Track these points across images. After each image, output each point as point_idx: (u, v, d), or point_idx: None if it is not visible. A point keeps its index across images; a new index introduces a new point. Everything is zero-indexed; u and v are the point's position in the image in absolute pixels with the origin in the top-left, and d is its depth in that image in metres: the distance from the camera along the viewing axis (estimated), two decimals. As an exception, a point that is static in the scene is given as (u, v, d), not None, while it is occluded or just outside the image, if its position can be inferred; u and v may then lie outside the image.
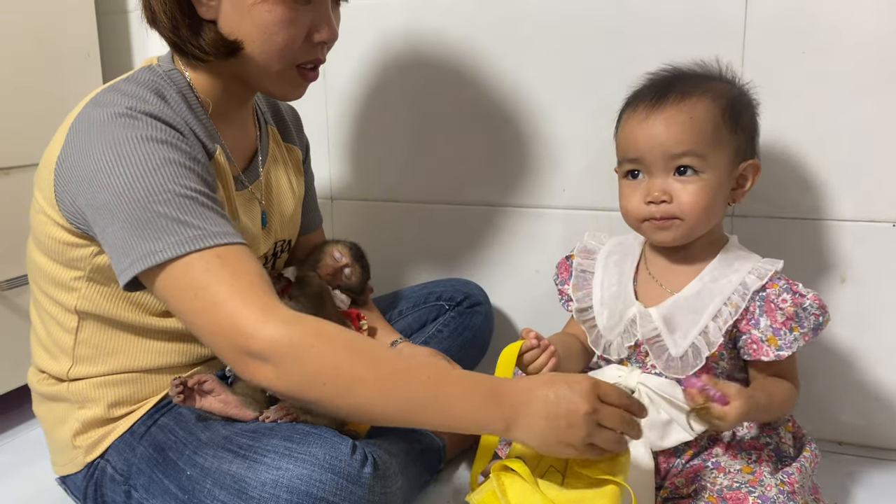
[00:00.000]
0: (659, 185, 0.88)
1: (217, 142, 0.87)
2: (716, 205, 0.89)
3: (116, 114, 0.76)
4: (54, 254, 0.85)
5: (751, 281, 0.88)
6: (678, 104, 0.88)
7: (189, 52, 0.83)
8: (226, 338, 0.71)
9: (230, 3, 0.80)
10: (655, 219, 0.89)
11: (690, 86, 0.89)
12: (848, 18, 1.06)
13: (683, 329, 0.89)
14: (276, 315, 0.70)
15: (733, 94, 0.91)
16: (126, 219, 0.72)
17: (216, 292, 0.71)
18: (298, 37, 0.83)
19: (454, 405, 0.71)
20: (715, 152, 0.87)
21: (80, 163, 0.77)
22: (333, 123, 1.39)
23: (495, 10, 1.23)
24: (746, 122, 0.91)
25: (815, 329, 0.87)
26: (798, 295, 0.88)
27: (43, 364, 0.91)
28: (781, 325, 0.87)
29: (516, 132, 1.26)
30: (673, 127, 0.87)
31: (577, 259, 1.01)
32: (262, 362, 0.70)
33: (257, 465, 0.72)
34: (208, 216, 0.74)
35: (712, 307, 0.88)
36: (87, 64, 1.37)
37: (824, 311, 0.88)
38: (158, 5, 0.81)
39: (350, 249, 1.08)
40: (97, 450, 0.88)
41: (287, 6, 0.80)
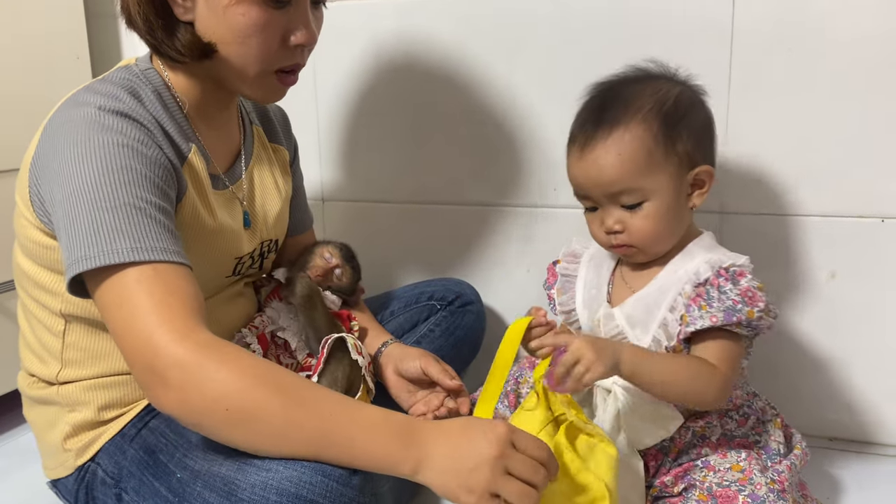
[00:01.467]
0: (611, 216, 0.90)
1: (192, 141, 0.87)
2: (669, 224, 0.89)
3: (87, 114, 0.76)
4: (37, 257, 0.85)
5: (703, 270, 0.88)
6: (605, 140, 0.87)
7: (165, 52, 0.83)
8: (138, 352, 0.70)
9: (205, 5, 0.80)
10: (615, 246, 0.91)
11: (619, 111, 0.88)
12: (835, 18, 1.07)
13: (643, 324, 0.90)
14: (190, 337, 0.69)
15: (667, 109, 0.88)
16: (74, 220, 0.73)
17: (140, 305, 0.70)
18: (274, 40, 0.82)
19: (359, 443, 0.69)
20: (653, 178, 0.87)
21: (47, 161, 0.77)
22: (324, 124, 1.39)
23: (487, 12, 1.24)
24: (687, 131, 0.88)
25: (726, 312, 0.84)
26: (725, 279, 0.87)
27: (32, 368, 0.91)
28: (692, 301, 0.87)
29: (507, 132, 1.27)
30: (604, 168, 0.87)
31: (562, 263, 1.02)
32: (165, 386, 0.69)
33: (247, 466, 0.71)
34: (153, 230, 0.73)
35: (669, 299, 0.89)
36: (76, 67, 1.37)
37: (751, 302, 0.84)
38: (133, 6, 0.81)
39: (340, 250, 1.08)
40: (88, 453, 0.88)
41: (261, 9, 0.79)
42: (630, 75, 0.94)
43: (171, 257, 0.73)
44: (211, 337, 0.71)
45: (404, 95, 1.32)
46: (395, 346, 1.05)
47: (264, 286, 1.06)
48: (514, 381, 1.09)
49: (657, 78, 0.92)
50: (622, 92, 0.90)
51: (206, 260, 0.89)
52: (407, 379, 1.01)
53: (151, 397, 0.71)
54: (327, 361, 0.93)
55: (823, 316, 1.15)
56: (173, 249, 0.74)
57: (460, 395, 0.97)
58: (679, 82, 0.92)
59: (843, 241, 1.12)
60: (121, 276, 0.71)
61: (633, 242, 0.89)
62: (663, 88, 0.90)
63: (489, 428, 0.68)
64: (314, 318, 0.97)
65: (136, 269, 0.71)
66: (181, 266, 0.74)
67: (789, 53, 1.09)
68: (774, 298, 1.16)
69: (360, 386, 0.95)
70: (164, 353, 0.69)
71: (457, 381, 0.96)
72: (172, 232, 0.76)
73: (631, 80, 0.93)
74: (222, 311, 0.96)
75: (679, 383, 0.83)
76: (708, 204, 1.16)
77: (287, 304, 1.01)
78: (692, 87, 0.93)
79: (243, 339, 0.97)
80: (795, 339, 1.17)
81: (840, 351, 1.16)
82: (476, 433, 0.68)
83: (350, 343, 0.94)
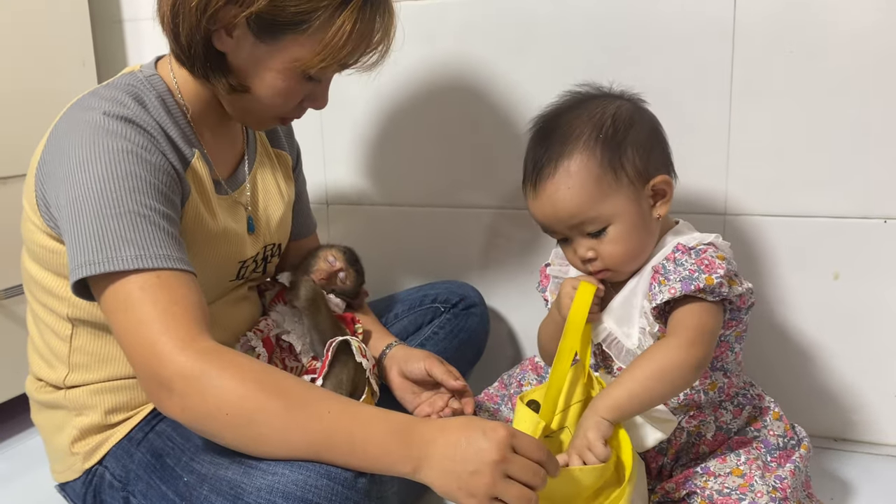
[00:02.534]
0: (581, 245, 0.90)
1: (195, 146, 0.88)
2: (639, 241, 0.89)
3: (92, 119, 0.78)
4: (44, 262, 0.86)
5: (668, 251, 0.89)
6: (552, 177, 0.87)
7: (192, 70, 0.85)
8: (142, 360, 0.72)
9: (250, 55, 0.82)
10: (594, 272, 0.91)
11: (559, 144, 0.88)
12: (837, 19, 1.07)
13: (628, 320, 0.90)
14: (193, 345, 0.71)
15: (606, 131, 0.87)
16: (79, 224, 0.74)
17: (145, 312, 0.72)
18: (294, 102, 0.88)
19: (359, 442, 0.70)
20: (609, 203, 0.87)
21: (53, 165, 0.79)
22: (328, 129, 1.39)
23: (488, 16, 1.24)
24: (633, 147, 0.88)
25: (683, 281, 0.84)
26: (681, 252, 0.87)
27: (40, 372, 0.92)
28: (652, 279, 0.88)
29: (510, 135, 1.27)
30: (557, 203, 0.87)
31: (553, 266, 1.02)
32: (169, 392, 0.70)
33: (253, 470, 0.72)
34: (157, 238, 0.75)
35: (642, 287, 0.89)
36: (82, 72, 1.38)
37: (707, 269, 0.83)
38: (185, 31, 0.81)
39: (344, 254, 1.08)
40: (95, 456, 0.88)
41: (298, 81, 0.84)
42: (564, 103, 0.93)
43: (175, 265, 0.74)
44: (213, 344, 0.72)
45: (408, 100, 1.32)
46: (399, 347, 1.05)
47: (269, 290, 1.07)
48: (518, 384, 1.10)
49: (591, 99, 0.92)
50: (560, 123, 0.90)
51: (209, 264, 0.90)
52: (411, 380, 1.01)
53: (156, 403, 0.73)
54: (332, 364, 0.93)
55: (828, 316, 1.15)
56: (177, 257, 0.75)
57: (465, 396, 0.98)
58: (614, 97, 0.91)
59: (847, 242, 1.12)
60: (125, 283, 0.73)
61: (608, 266, 0.90)
62: (598, 110, 0.89)
63: (490, 429, 0.69)
64: (318, 321, 0.98)
65: (141, 276, 0.73)
66: (185, 273, 0.75)
67: (791, 55, 1.10)
68: (777, 299, 1.17)
69: (365, 388, 0.95)
70: (167, 361, 0.70)
71: (461, 382, 0.96)
72: (176, 239, 0.77)
73: (565, 108, 0.92)
74: (227, 314, 0.97)
75: (656, 387, 0.81)
76: (711, 205, 1.17)
77: (291, 308, 1.02)
78: (629, 99, 0.92)
79: (248, 342, 0.97)
80: (800, 339, 1.18)
81: (844, 351, 1.16)
82: (476, 434, 0.68)
83: (354, 346, 0.95)
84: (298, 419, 0.70)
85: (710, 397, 0.92)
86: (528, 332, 1.35)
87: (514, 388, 1.09)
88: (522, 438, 0.70)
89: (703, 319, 0.84)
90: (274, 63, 0.82)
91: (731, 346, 0.93)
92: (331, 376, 0.93)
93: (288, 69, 0.82)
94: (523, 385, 1.09)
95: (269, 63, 0.82)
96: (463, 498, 0.68)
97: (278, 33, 0.80)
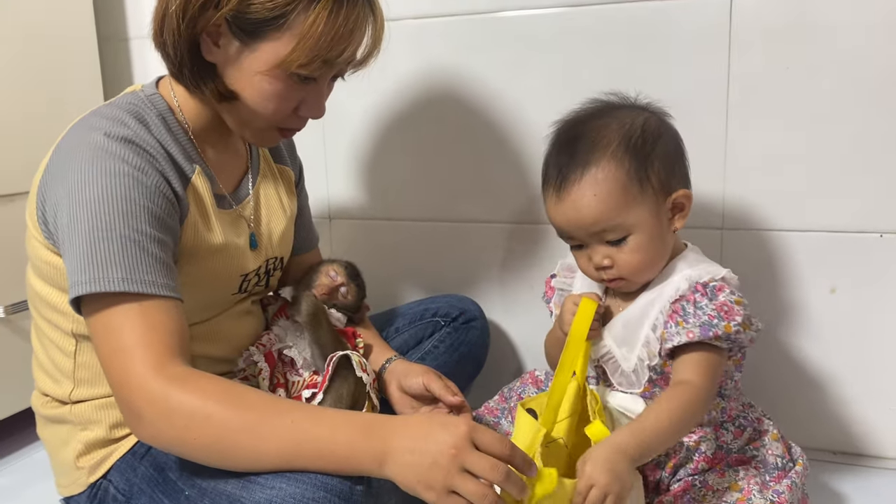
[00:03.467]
0: (598, 253, 0.90)
1: (197, 163, 0.90)
2: (656, 252, 0.90)
3: (93, 140, 0.80)
4: (48, 278, 0.88)
5: (682, 287, 0.89)
6: (580, 182, 0.87)
7: (185, 85, 0.87)
8: (117, 387, 0.75)
9: (236, 61, 0.84)
10: (606, 280, 0.92)
11: (588, 151, 0.88)
12: (833, 35, 1.08)
13: (629, 344, 0.91)
14: (162, 372, 0.73)
15: (635, 141, 0.88)
16: (74, 245, 0.77)
17: (124, 339, 0.74)
18: (288, 108, 0.88)
19: (326, 445, 0.72)
20: (632, 213, 0.87)
21: (54, 184, 0.81)
22: (331, 144, 1.41)
23: (488, 33, 1.26)
24: (659, 160, 0.89)
25: (703, 327, 0.85)
26: (701, 294, 0.88)
27: (46, 388, 0.93)
28: (669, 317, 0.88)
29: (510, 150, 1.28)
30: (582, 209, 0.87)
31: (559, 277, 1.03)
32: (139, 419, 0.73)
33: (252, 484, 0.73)
34: (145, 263, 0.77)
35: (651, 317, 0.90)
36: (89, 92, 1.40)
37: (727, 316, 0.85)
38: (171, 40, 0.84)
39: (345, 268, 1.09)
40: (100, 470, 0.89)
41: (286, 83, 0.84)
42: (591, 110, 0.94)
43: (160, 291, 0.77)
44: (183, 369, 0.75)
45: (409, 115, 1.34)
46: (399, 362, 1.06)
47: (271, 304, 1.08)
48: (518, 397, 1.10)
49: (619, 109, 0.92)
50: (587, 130, 0.90)
51: (211, 277, 0.91)
52: (410, 395, 1.02)
53: (132, 430, 0.76)
54: (332, 378, 0.95)
55: (825, 330, 1.16)
56: (162, 283, 0.77)
57: (462, 411, 0.98)
58: (641, 109, 0.92)
59: (843, 257, 1.13)
60: (109, 306, 0.76)
61: (623, 275, 0.90)
62: (628, 120, 0.89)
63: (450, 423, 0.70)
64: (319, 335, 0.99)
65: (125, 299, 0.75)
66: (168, 300, 0.77)
67: (787, 71, 1.11)
68: (774, 314, 1.17)
69: (365, 402, 0.96)
70: (136, 388, 0.73)
71: (458, 398, 0.97)
72: (165, 264, 0.79)
73: (593, 114, 0.93)
74: (231, 328, 0.98)
75: (676, 429, 0.84)
76: (708, 220, 1.18)
77: (293, 322, 1.03)
78: (655, 112, 0.93)
79: (251, 356, 0.98)
80: (796, 353, 1.18)
81: (841, 364, 1.16)
82: (436, 428, 0.70)
83: (355, 360, 0.96)
84: (263, 432, 0.73)
85: (711, 416, 0.93)
86: (528, 345, 1.36)
87: (515, 402, 1.10)
88: (484, 434, 0.70)
89: (713, 362, 0.87)
90: (259, 65, 0.83)
91: (730, 375, 0.94)
92: (331, 390, 0.94)
93: (273, 70, 0.83)
94: (523, 398, 1.10)
95: (254, 66, 0.83)
96: (422, 491, 0.69)
97: (258, 34, 0.82)
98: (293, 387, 0.99)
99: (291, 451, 0.72)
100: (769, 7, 1.10)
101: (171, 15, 0.82)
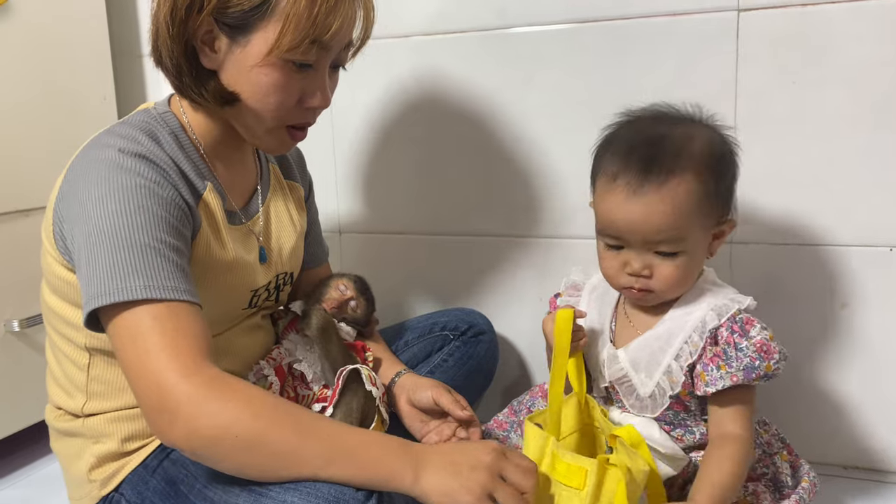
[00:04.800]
0: (639, 259, 0.88)
1: (208, 179, 0.91)
2: (692, 271, 0.90)
3: (107, 156, 0.81)
4: (62, 293, 0.89)
5: (709, 319, 0.88)
6: (659, 189, 0.84)
7: (188, 95, 0.88)
8: (147, 390, 0.74)
9: (232, 60, 0.85)
10: (633, 288, 0.90)
11: (673, 158, 0.85)
12: (839, 49, 1.08)
13: (648, 370, 0.90)
14: (198, 373, 0.74)
15: (715, 160, 0.87)
16: (93, 258, 0.77)
17: (151, 343, 0.74)
18: (291, 100, 0.87)
19: (360, 458, 0.74)
20: (693, 232, 0.86)
21: (70, 201, 0.82)
22: (340, 159, 1.42)
23: (496, 48, 1.27)
24: (726, 185, 0.89)
25: (746, 370, 0.84)
26: (738, 334, 0.86)
27: (59, 401, 0.94)
28: (710, 360, 0.87)
29: (518, 164, 1.29)
30: (654, 216, 0.85)
31: (563, 297, 1.03)
32: (173, 419, 0.73)
33: (263, 498, 0.74)
34: (166, 270, 0.77)
35: (675, 346, 0.89)
36: (102, 108, 1.42)
37: (767, 356, 0.85)
38: (165, 50, 0.86)
39: (355, 283, 1.10)
40: (112, 483, 0.90)
41: (283, 72, 0.84)
42: (671, 115, 0.92)
43: (183, 296, 0.77)
44: (218, 372, 0.75)
45: (418, 129, 1.35)
46: (408, 376, 1.07)
47: (281, 318, 1.09)
48: (527, 411, 1.10)
49: (700, 123, 0.91)
50: (672, 136, 0.87)
51: (221, 293, 0.92)
52: (419, 409, 1.03)
53: (159, 432, 0.75)
54: (342, 393, 0.95)
55: (837, 344, 1.16)
56: (184, 288, 0.78)
57: (472, 425, 0.99)
58: (718, 130, 0.91)
59: (853, 271, 1.13)
60: (134, 313, 0.76)
61: (654, 288, 0.88)
62: (712, 139, 0.89)
63: (480, 443, 0.77)
64: (329, 349, 1.00)
65: (149, 306, 0.76)
66: (191, 305, 0.78)
67: (794, 85, 1.11)
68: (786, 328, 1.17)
69: (375, 416, 0.96)
70: (172, 388, 0.73)
71: (468, 412, 0.98)
72: (184, 271, 0.80)
73: (674, 120, 0.91)
74: (241, 343, 0.99)
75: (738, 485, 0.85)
76: (717, 234, 1.18)
77: (303, 337, 1.03)
78: (729, 138, 0.92)
79: (261, 371, 0.99)
80: (808, 367, 1.18)
81: (853, 379, 1.16)
82: (470, 446, 0.77)
83: (364, 374, 0.97)
84: (301, 440, 0.74)
85: None
86: (537, 358, 1.36)
87: (524, 415, 1.10)
88: (511, 451, 0.77)
89: (752, 407, 0.89)
90: (253, 58, 0.83)
91: None
92: (341, 404, 0.95)
93: (267, 59, 0.83)
94: (533, 411, 1.10)
95: (249, 60, 0.83)
96: (462, 495, 0.72)
97: (246, 26, 0.82)
98: (303, 401, 0.99)
99: (325, 461, 0.74)
100: (775, 21, 1.10)
101: (161, 26, 0.84)
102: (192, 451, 0.75)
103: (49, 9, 1.29)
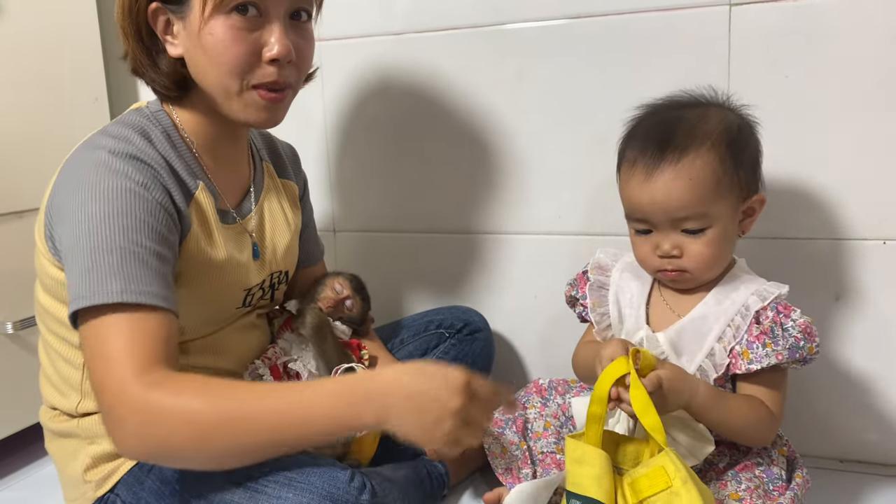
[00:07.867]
0: (668, 240, 0.90)
1: (200, 178, 0.91)
2: (724, 251, 0.91)
3: (98, 157, 0.81)
4: (55, 293, 0.89)
5: (752, 302, 0.90)
6: (676, 164, 0.87)
7: (155, 88, 0.89)
8: (99, 394, 0.75)
9: (186, 36, 0.85)
10: (667, 270, 0.92)
11: (688, 136, 0.88)
12: (832, 42, 1.09)
13: (690, 352, 0.91)
14: (143, 378, 0.73)
15: (731, 136, 0.89)
16: (75, 260, 0.78)
17: (112, 348, 0.74)
18: (245, 54, 0.84)
19: (319, 408, 0.72)
20: (718, 205, 0.88)
21: (60, 202, 0.82)
22: (334, 158, 1.42)
23: (487, 45, 1.27)
24: (748, 160, 0.91)
25: (791, 349, 0.87)
26: (782, 315, 0.88)
27: (53, 401, 0.94)
28: (755, 338, 0.88)
29: (513, 161, 1.29)
30: (673, 192, 0.87)
31: (592, 276, 1.02)
32: (123, 428, 0.73)
33: (259, 495, 0.74)
34: (143, 274, 0.77)
35: (717, 329, 0.90)
36: (94, 108, 1.41)
37: (810, 338, 0.87)
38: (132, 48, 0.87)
39: (350, 281, 1.10)
40: (107, 484, 0.90)
41: (225, 26, 0.82)
42: (686, 99, 0.95)
43: (152, 300, 0.77)
44: (165, 374, 0.74)
45: (412, 128, 1.35)
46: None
47: (277, 318, 1.09)
48: (522, 407, 1.10)
49: (712, 104, 0.94)
50: (687, 116, 0.91)
51: (214, 291, 0.92)
52: (416, 407, 1.02)
53: (116, 444, 0.75)
54: (338, 391, 0.95)
55: (831, 337, 1.16)
56: (156, 293, 0.77)
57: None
58: (734, 109, 0.94)
59: (846, 264, 1.13)
60: (102, 317, 0.76)
61: (687, 268, 0.90)
62: (727, 117, 0.91)
63: (451, 377, 0.72)
64: (324, 348, 1.00)
65: (116, 311, 0.75)
66: (160, 310, 0.77)
67: (786, 79, 1.11)
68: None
69: (370, 414, 0.96)
70: (117, 395, 0.73)
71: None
72: (164, 277, 0.80)
73: (690, 104, 0.94)
74: (236, 342, 0.99)
75: (741, 426, 0.87)
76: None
77: (298, 336, 1.04)
78: (747, 116, 0.94)
79: (256, 370, 0.99)
80: (802, 360, 1.18)
81: (848, 372, 1.16)
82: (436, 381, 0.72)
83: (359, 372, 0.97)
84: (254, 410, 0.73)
85: None
86: (532, 356, 1.36)
87: (519, 411, 1.10)
88: (478, 382, 0.74)
89: (783, 392, 0.90)
90: (197, 22, 0.82)
91: None
92: (337, 402, 0.95)
93: (210, 16, 0.82)
94: (527, 408, 1.10)
95: (195, 26, 0.83)
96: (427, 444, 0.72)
97: None
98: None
99: (284, 424, 0.72)
100: (768, 15, 1.11)
101: (120, 27, 0.86)
102: (147, 457, 0.75)
103: (41, 10, 1.29)
